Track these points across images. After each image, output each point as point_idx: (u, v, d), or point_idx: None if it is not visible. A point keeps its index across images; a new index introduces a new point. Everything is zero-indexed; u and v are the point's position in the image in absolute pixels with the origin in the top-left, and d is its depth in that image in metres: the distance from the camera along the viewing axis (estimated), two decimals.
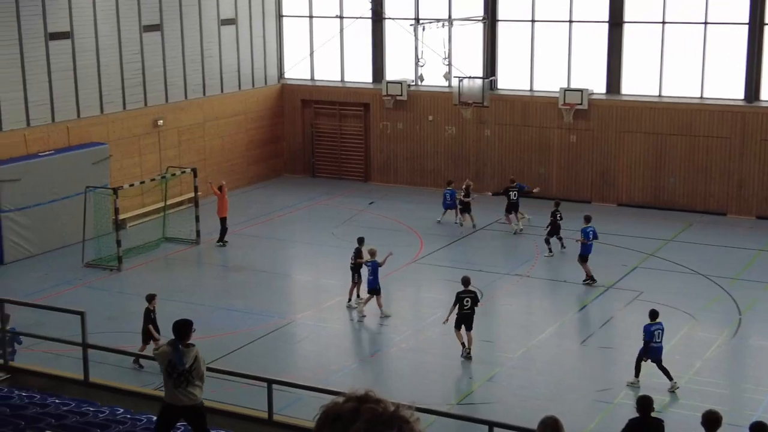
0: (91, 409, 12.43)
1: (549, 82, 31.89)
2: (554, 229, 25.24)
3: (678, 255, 25.42)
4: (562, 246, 25.27)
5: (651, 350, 17.21)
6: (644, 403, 11.72)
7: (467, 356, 18.49)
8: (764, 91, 29.35)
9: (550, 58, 31.96)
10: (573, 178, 31.54)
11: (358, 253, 21.72)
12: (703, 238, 27.17)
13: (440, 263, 24.67)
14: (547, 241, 25.25)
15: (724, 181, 29.59)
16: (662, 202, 30.34)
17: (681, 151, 30.04)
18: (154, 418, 11.92)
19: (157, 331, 17.98)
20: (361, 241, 22.17)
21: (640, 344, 17.44)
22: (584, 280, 23.09)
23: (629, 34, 30.79)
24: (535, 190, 28.52)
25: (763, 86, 29.34)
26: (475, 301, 18.76)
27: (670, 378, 17.07)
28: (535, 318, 21.76)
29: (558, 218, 25.28)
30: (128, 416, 12.15)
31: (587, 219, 23.71)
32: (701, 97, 30.04)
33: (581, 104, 30.91)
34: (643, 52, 30.74)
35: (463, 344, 18.57)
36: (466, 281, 18.87)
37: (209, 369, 12.13)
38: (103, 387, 14.26)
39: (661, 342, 17.25)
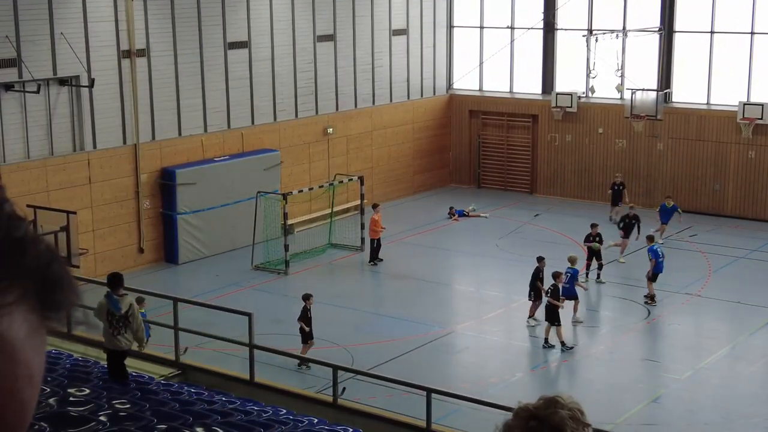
0: (256, 408, 12.74)
1: (727, 95, 30.72)
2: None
3: None
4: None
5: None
6: None
7: None
8: None
9: (730, 70, 30.79)
10: (751, 196, 30.24)
11: (536, 275, 20.90)
12: None
13: (610, 279, 24.07)
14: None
15: None
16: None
17: None
18: (316, 420, 12.12)
19: (311, 330, 18.44)
20: (540, 260, 21.20)
21: None
22: (645, 300, 22.23)
23: None
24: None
25: None
26: None
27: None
28: (705, 339, 20.94)
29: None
30: (290, 417, 12.39)
31: (650, 239, 22.99)
32: None
33: (761, 119, 29.62)
34: None
35: None
36: None
37: (369, 375, 12.23)
38: (268, 387, 14.61)
39: None
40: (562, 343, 19.43)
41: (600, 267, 23.97)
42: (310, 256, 26.32)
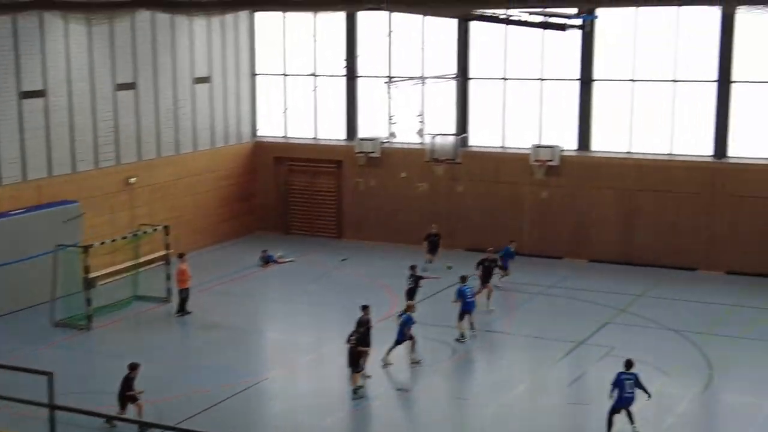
0: None
1: (521, 138, 32.20)
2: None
3: (649, 310, 25.54)
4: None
5: (621, 399, 17.40)
6: None
7: None
8: (732, 147, 29.75)
9: (522, 115, 32.30)
10: (545, 234, 31.71)
11: (362, 323, 20.70)
12: (674, 294, 27.34)
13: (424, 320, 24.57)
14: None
15: (694, 236, 29.86)
16: (633, 258, 30.53)
17: (651, 207, 30.33)
18: None
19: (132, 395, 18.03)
20: (365, 309, 21.11)
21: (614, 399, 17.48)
22: (456, 338, 23.22)
23: (599, 91, 31.21)
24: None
25: (732, 142, 29.74)
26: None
27: (632, 422, 17.33)
28: (505, 375, 21.69)
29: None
30: None
31: (462, 279, 23.84)
32: (670, 153, 30.43)
33: (552, 161, 31.20)
34: (613, 109, 31.13)
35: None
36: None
37: (177, 429, 12.00)
38: None
39: (632, 392, 17.38)
40: (356, 390, 19.66)
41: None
42: (114, 309, 25.62)
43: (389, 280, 28.36)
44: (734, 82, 29.37)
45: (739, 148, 29.68)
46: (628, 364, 17.74)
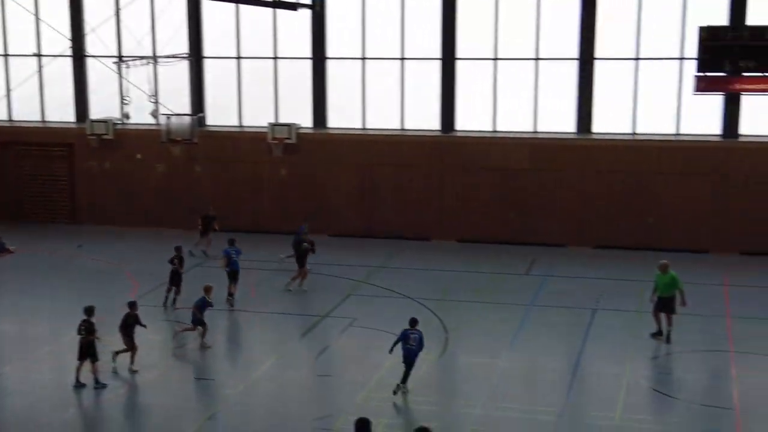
0: None
1: (257, 117, 32.31)
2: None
3: (388, 281, 26.47)
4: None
5: (404, 352, 18.38)
6: (361, 426, 12.09)
7: None
8: (459, 122, 31.26)
9: (258, 93, 32.38)
10: (285, 211, 32.05)
11: (89, 327, 19.43)
12: (411, 263, 28.48)
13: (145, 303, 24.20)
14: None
15: (427, 207, 31.18)
16: (372, 231, 31.48)
17: (387, 181, 31.36)
18: None
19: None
20: (90, 311, 19.58)
21: (360, 368, 17.99)
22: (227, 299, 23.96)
23: (334, 68, 31.82)
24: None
25: (458, 117, 31.24)
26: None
27: (404, 381, 18.25)
28: (253, 352, 21.83)
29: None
30: None
31: (230, 242, 24.80)
32: (402, 129, 31.57)
33: (290, 138, 31.54)
34: (346, 87, 31.84)
35: None
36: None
37: None
38: None
39: (414, 346, 18.34)
40: (96, 380, 19.12)
41: (178, 293, 24.16)
42: None
43: (130, 266, 27.71)
44: (458, 59, 30.82)
45: (464, 122, 31.24)
46: (413, 322, 18.70)
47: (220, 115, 32.82)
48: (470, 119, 31.14)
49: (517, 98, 30.61)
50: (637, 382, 19.35)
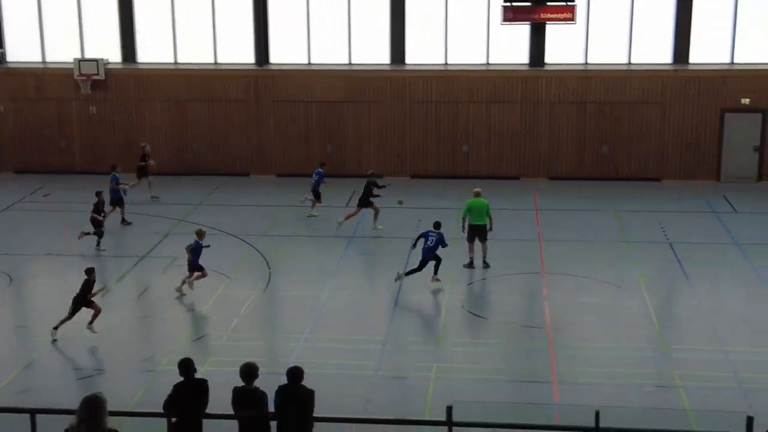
0: None
1: (61, 52, 30.98)
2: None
3: (208, 218, 26.17)
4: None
5: (423, 251, 20.77)
6: (185, 366, 12.01)
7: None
8: (274, 54, 30.93)
9: (63, 27, 31.03)
10: (96, 150, 31.04)
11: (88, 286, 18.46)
12: (231, 200, 28.25)
13: None
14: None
15: (245, 142, 30.89)
16: (189, 168, 30.94)
17: (202, 117, 30.81)
18: None
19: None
20: (90, 271, 18.54)
21: (182, 308, 17.81)
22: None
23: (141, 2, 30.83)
24: None
25: (272, 49, 30.90)
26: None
27: (435, 272, 20.75)
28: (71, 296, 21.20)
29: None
30: None
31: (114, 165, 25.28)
32: (215, 63, 30.98)
33: (97, 74, 30.41)
34: (156, 18, 30.90)
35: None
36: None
37: None
38: None
39: (432, 246, 20.69)
40: None
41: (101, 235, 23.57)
42: None
43: None
44: None
45: (279, 55, 30.96)
46: (437, 225, 21.08)
47: (21, 50, 31.26)
48: (285, 52, 30.87)
49: (331, 30, 30.56)
50: (456, 307, 20.01)
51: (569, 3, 28.89)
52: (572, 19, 29.08)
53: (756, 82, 29.09)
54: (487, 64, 30.33)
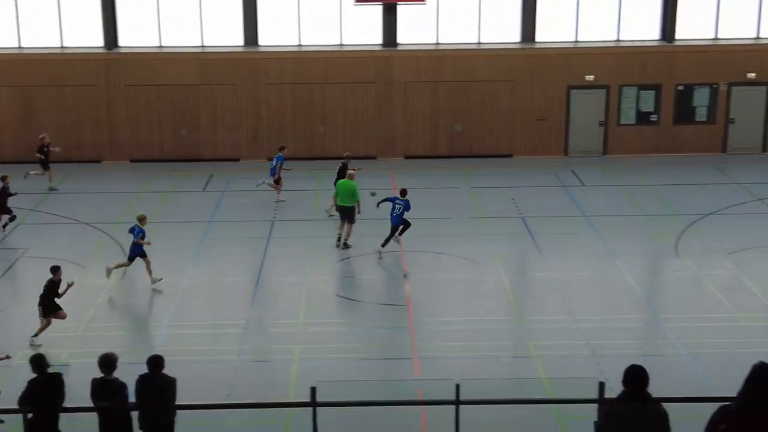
0: None
1: None
2: None
3: (61, 207, 25.46)
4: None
5: (391, 218, 21.69)
6: (37, 362, 11.72)
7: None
8: (123, 38, 30.21)
9: None
10: None
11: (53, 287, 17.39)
12: (82, 187, 27.53)
13: None
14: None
15: (96, 129, 30.10)
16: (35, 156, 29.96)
17: (51, 103, 29.86)
18: None
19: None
20: (55, 270, 17.43)
21: (35, 300, 17.29)
22: None
23: None
24: None
25: (121, 32, 30.18)
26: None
27: (397, 241, 21.75)
28: None
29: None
30: None
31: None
32: (62, 47, 30.06)
33: None
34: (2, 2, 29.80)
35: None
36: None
37: None
38: None
39: (399, 214, 21.68)
40: None
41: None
42: None
43: None
44: None
45: (128, 38, 30.26)
46: (403, 192, 21.94)
47: None
48: (135, 35, 30.19)
49: (182, 12, 30.05)
50: (317, 288, 20.12)
51: None
52: None
53: (599, 59, 30.16)
54: (341, 45, 30.43)
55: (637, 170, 28.76)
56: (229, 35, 30.24)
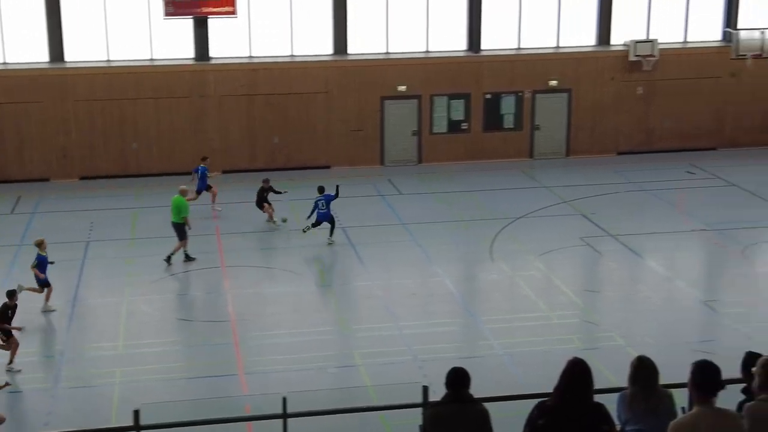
0: None
1: None
2: None
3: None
4: None
5: (318, 215, 23.07)
6: None
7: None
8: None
9: None
10: None
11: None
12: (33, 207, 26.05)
13: None
14: None
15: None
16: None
17: None
18: None
19: None
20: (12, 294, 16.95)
21: None
22: None
23: None
24: None
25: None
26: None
27: (330, 234, 23.07)
28: None
29: None
30: None
31: None
32: None
33: None
34: None
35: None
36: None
37: None
38: None
39: (325, 209, 23.09)
40: None
41: None
42: None
43: None
44: None
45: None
46: (321, 189, 23.39)
47: None
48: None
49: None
50: (137, 307, 19.68)
51: None
52: (234, 12, 29.36)
53: (410, 70, 30.83)
54: (152, 59, 29.88)
55: (451, 177, 29.56)
56: (33, 52, 29.16)
